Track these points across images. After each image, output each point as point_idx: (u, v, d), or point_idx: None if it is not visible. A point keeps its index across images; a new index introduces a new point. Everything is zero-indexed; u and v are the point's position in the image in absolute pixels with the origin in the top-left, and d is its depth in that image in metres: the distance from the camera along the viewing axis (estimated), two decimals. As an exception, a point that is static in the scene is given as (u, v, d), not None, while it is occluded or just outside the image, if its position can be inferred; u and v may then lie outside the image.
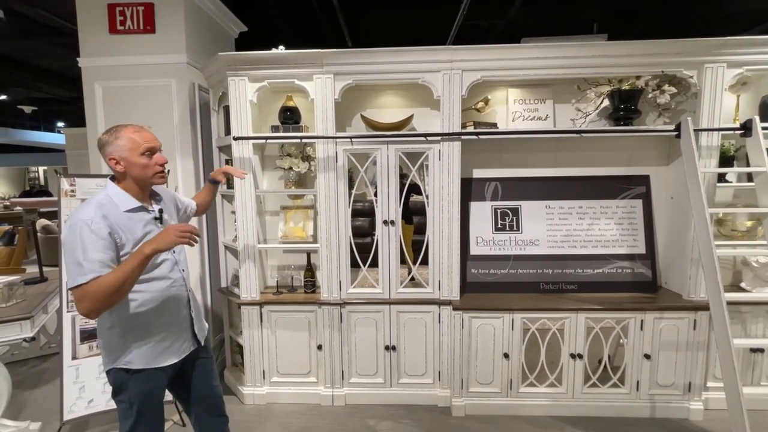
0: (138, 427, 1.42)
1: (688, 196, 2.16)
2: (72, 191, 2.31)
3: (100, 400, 2.28)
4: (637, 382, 2.39)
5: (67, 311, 2.27)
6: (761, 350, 2.40)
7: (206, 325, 1.69)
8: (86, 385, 2.26)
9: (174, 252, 1.51)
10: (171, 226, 1.35)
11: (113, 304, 1.29)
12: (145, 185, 1.46)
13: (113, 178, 1.45)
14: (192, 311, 1.56)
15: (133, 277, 1.29)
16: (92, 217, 1.30)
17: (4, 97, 7.46)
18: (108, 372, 1.44)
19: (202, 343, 1.61)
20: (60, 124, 12.39)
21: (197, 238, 1.37)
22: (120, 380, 1.42)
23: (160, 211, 1.49)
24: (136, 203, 1.42)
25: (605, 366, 2.40)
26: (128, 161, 1.39)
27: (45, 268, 2.98)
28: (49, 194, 13.40)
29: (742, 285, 2.52)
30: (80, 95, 2.79)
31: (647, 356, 2.36)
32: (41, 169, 16.25)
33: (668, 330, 2.34)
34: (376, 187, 2.47)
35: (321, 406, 2.56)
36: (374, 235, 2.50)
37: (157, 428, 1.49)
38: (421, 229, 2.56)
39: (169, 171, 1.52)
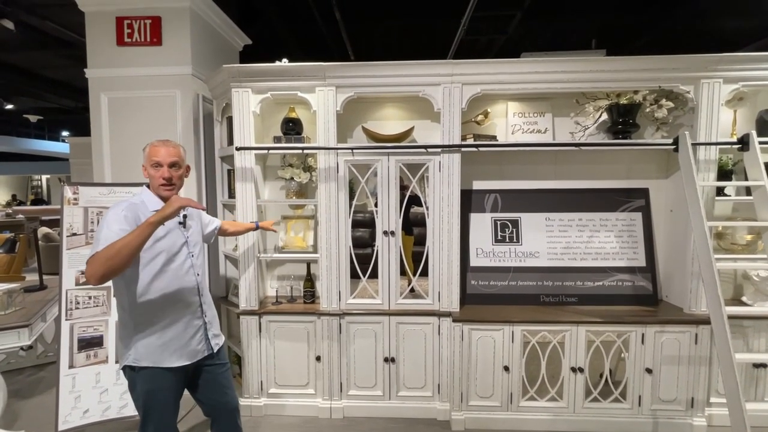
0: (147, 424, 1.53)
1: (688, 210, 2.16)
2: (75, 199, 2.33)
3: (95, 411, 2.26)
4: (639, 397, 2.36)
5: (66, 319, 2.26)
6: (764, 365, 2.37)
7: (221, 334, 1.75)
8: (82, 394, 2.24)
9: (192, 256, 1.61)
10: (175, 196, 1.46)
11: (113, 268, 1.32)
12: (157, 194, 1.57)
13: (148, 186, 1.61)
14: (205, 316, 1.64)
15: (134, 243, 1.33)
16: (119, 210, 1.46)
17: (10, 106, 7.56)
18: (122, 368, 1.55)
19: (214, 351, 1.66)
20: (64, 133, 12.52)
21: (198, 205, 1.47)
22: (129, 377, 1.54)
23: (184, 216, 1.61)
24: (162, 205, 1.52)
25: (606, 380, 2.37)
26: (147, 170, 1.58)
27: (45, 276, 2.98)
28: (42, 203, 13.48)
29: (744, 299, 2.52)
30: (86, 105, 2.85)
31: (649, 370, 2.33)
32: (44, 177, 16.36)
33: (669, 344, 2.32)
34: (376, 198, 2.48)
35: (319, 418, 2.53)
36: (374, 245, 2.50)
37: (166, 426, 1.56)
38: (421, 240, 2.56)
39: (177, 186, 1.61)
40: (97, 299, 2.32)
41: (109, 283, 2.33)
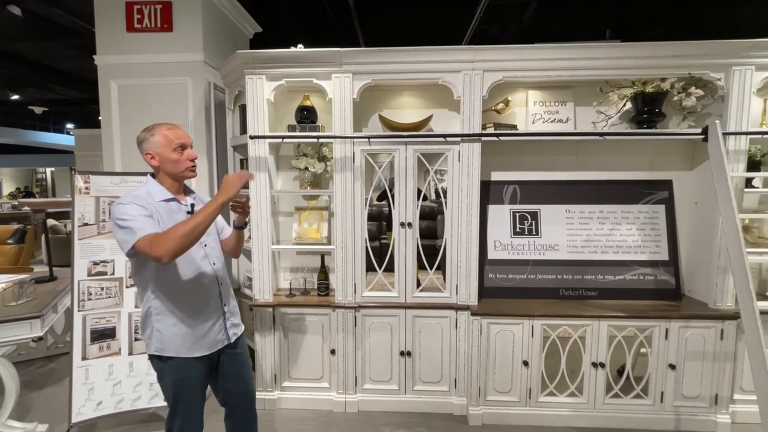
0: (176, 413, 1.52)
1: (713, 202, 2.09)
2: (86, 189, 2.28)
3: (108, 403, 2.23)
4: (662, 393, 2.31)
5: (78, 310, 2.23)
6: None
7: (241, 323, 1.72)
8: (95, 387, 2.21)
9: (205, 246, 1.57)
10: (228, 176, 1.47)
11: (186, 245, 1.35)
12: (177, 179, 1.54)
13: (153, 175, 1.54)
14: (224, 306, 1.61)
15: (206, 222, 1.37)
16: (127, 201, 1.42)
17: (16, 97, 7.52)
18: (150, 358, 1.54)
19: (232, 341, 1.63)
20: (69, 125, 12.50)
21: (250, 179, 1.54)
22: (158, 367, 1.52)
23: (192, 206, 1.56)
24: (169, 195, 1.51)
25: (628, 376, 2.32)
26: (162, 156, 1.49)
27: (54, 268, 2.95)
28: (32, 195, 13.50)
29: (769, 294, 2.45)
30: (92, 96, 2.81)
31: (672, 366, 2.28)
32: (48, 170, 16.38)
33: (694, 340, 2.27)
34: (392, 190, 2.41)
35: (333, 412, 2.50)
36: (382, 239, 2.45)
37: (194, 416, 1.55)
38: (426, 234, 2.50)
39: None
40: (109, 290, 2.28)
41: (122, 273, 2.32)
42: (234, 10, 3.11)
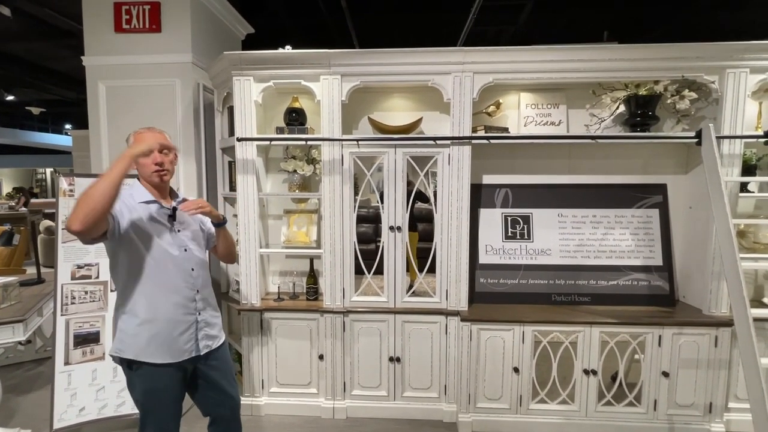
0: (146, 425, 1.49)
1: (708, 206, 2.05)
2: (71, 191, 2.25)
3: (91, 409, 2.20)
4: (655, 401, 2.26)
5: (61, 315, 2.20)
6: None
7: (221, 335, 1.65)
8: (78, 392, 2.18)
9: (185, 250, 1.54)
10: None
11: (92, 207, 1.24)
12: (151, 183, 1.52)
13: (137, 178, 1.56)
14: (199, 314, 1.55)
15: (108, 180, 1.27)
16: None
17: (11, 97, 7.51)
18: (120, 363, 1.50)
19: (202, 353, 1.55)
20: (67, 126, 12.50)
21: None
22: (127, 376, 1.49)
23: (174, 209, 1.54)
24: (150, 197, 1.51)
25: (620, 383, 2.28)
26: (136, 161, 1.48)
27: (44, 269, 2.92)
28: (35, 196, 13.43)
29: (765, 300, 2.41)
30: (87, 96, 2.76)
31: (665, 374, 2.24)
32: (48, 170, 16.39)
33: (688, 347, 2.22)
34: (381, 193, 2.38)
35: (321, 418, 2.46)
36: (378, 241, 2.42)
37: (166, 426, 1.51)
38: (424, 237, 2.47)
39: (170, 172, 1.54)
40: (93, 294, 2.25)
41: (107, 277, 2.28)
42: (224, 11, 3.08)
